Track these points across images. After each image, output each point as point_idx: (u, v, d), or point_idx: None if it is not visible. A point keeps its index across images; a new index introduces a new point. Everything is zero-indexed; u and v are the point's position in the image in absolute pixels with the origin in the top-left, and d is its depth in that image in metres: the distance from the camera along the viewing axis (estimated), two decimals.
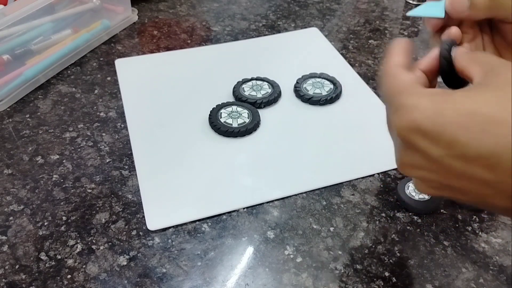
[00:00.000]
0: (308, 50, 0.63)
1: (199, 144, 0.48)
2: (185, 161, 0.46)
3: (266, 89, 0.54)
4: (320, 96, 0.53)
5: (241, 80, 0.55)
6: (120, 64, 0.60)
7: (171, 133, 0.50)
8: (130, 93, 0.55)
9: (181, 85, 0.57)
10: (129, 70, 0.59)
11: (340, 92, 0.54)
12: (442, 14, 0.35)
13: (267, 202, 0.42)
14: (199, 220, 0.41)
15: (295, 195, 0.43)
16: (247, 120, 0.50)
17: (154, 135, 0.49)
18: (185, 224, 0.40)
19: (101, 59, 0.62)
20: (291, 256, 0.38)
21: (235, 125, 0.49)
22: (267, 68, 0.58)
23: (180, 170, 0.45)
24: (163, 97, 0.55)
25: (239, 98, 0.53)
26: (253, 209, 0.42)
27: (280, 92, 0.54)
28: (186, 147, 0.48)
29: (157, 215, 0.41)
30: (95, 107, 0.54)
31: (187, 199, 0.42)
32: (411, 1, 0.75)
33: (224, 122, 0.49)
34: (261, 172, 0.45)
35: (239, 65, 0.60)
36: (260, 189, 0.43)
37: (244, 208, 0.42)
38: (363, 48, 0.64)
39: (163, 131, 0.50)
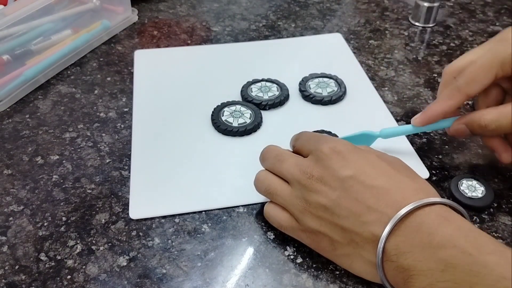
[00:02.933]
0: (328, 56, 0.62)
1: (197, 141, 0.48)
2: (180, 155, 0.47)
3: (273, 91, 0.54)
4: (323, 96, 0.53)
5: (251, 80, 0.56)
6: (139, 55, 0.61)
7: (173, 127, 0.50)
8: (142, 85, 0.56)
9: (193, 80, 0.57)
10: (146, 62, 0.60)
11: (345, 92, 0.54)
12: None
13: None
14: (199, 221, 0.41)
15: None
16: (248, 120, 0.50)
17: (156, 128, 0.50)
18: (185, 224, 0.40)
19: (101, 59, 0.62)
20: (292, 256, 0.38)
21: (235, 124, 0.49)
22: (280, 71, 0.58)
23: (174, 164, 0.46)
24: (174, 91, 0.55)
25: (245, 98, 0.53)
26: (253, 210, 0.42)
27: (287, 95, 0.54)
28: (184, 142, 0.48)
29: (142, 205, 0.41)
30: (95, 108, 0.53)
31: (172, 192, 0.43)
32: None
33: (225, 120, 0.49)
34: (254, 173, 0.45)
35: (254, 65, 0.60)
36: (251, 190, 0.43)
37: (243, 208, 0.42)
38: (363, 48, 0.64)
39: (165, 124, 0.50)
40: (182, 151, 0.47)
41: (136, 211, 0.41)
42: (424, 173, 0.45)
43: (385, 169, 0.34)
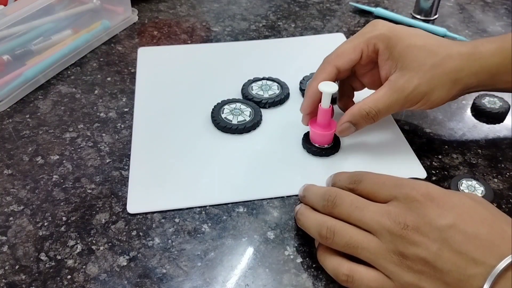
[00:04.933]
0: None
1: (197, 138, 0.49)
2: (179, 152, 0.47)
3: (274, 90, 0.54)
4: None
5: (252, 78, 0.56)
6: (142, 53, 0.62)
7: (173, 124, 0.50)
8: (144, 82, 0.56)
9: (195, 78, 0.58)
10: (149, 60, 0.61)
11: None
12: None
13: (267, 203, 0.42)
14: (199, 221, 0.41)
15: (295, 195, 0.43)
16: (247, 118, 0.50)
17: (157, 124, 0.50)
18: (185, 224, 0.40)
19: (101, 59, 0.62)
20: (291, 256, 0.38)
21: (234, 122, 0.49)
22: (281, 69, 0.58)
23: (173, 160, 0.46)
24: (175, 88, 0.56)
25: (246, 96, 0.53)
26: (253, 210, 0.42)
27: (288, 94, 0.54)
28: (184, 139, 0.48)
29: (140, 200, 0.42)
30: (95, 108, 0.54)
31: (171, 188, 0.43)
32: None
33: (225, 118, 0.50)
34: (253, 170, 0.45)
35: (255, 64, 0.60)
36: (250, 187, 0.43)
37: (243, 208, 0.42)
38: None
39: (165, 121, 0.51)
40: (181, 148, 0.47)
41: (134, 206, 0.41)
42: (421, 173, 0.45)
43: (484, 216, 0.31)
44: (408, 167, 0.45)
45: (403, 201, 0.32)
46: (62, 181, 0.45)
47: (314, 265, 0.37)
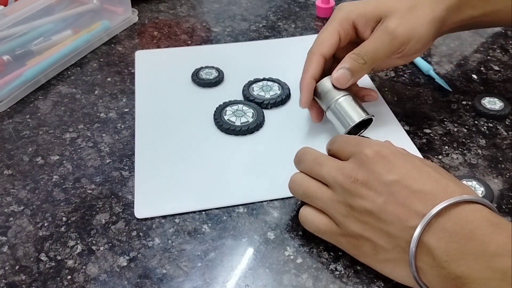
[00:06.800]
0: None
1: (200, 140, 0.49)
2: (183, 155, 0.47)
3: (275, 90, 0.54)
4: None
5: (252, 79, 0.56)
6: (140, 56, 0.62)
7: (176, 127, 0.50)
8: (144, 85, 0.56)
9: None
10: (147, 63, 0.60)
11: None
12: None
13: (267, 204, 0.42)
14: (199, 221, 0.41)
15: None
16: (250, 119, 0.50)
17: (159, 128, 0.50)
18: (185, 224, 0.40)
19: (102, 59, 0.62)
20: (292, 257, 0.38)
21: (238, 123, 0.49)
22: (281, 70, 0.58)
23: (177, 163, 0.46)
24: (176, 91, 0.56)
25: (247, 97, 0.53)
26: (253, 210, 0.42)
27: (289, 94, 0.54)
28: (188, 141, 0.48)
29: (147, 204, 0.41)
30: (95, 108, 0.54)
31: (177, 191, 0.43)
32: None
33: (228, 119, 0.50)
34: (257, 172, 0.45)
35: (255, 65, 0.60)
36: (254, 188, 0.43)
37: (243, 209, 0.42)
38: None
39: (168, 124, 0.51)
40: (185, 151, 0.47)
41: (141, 211, 0.41)
42: None
43: (430, 174, 0.33)
44: None
45: (358, 158, 0.35)
46: (62, 181, 0.45)
47: (314, 266, 0.37)
